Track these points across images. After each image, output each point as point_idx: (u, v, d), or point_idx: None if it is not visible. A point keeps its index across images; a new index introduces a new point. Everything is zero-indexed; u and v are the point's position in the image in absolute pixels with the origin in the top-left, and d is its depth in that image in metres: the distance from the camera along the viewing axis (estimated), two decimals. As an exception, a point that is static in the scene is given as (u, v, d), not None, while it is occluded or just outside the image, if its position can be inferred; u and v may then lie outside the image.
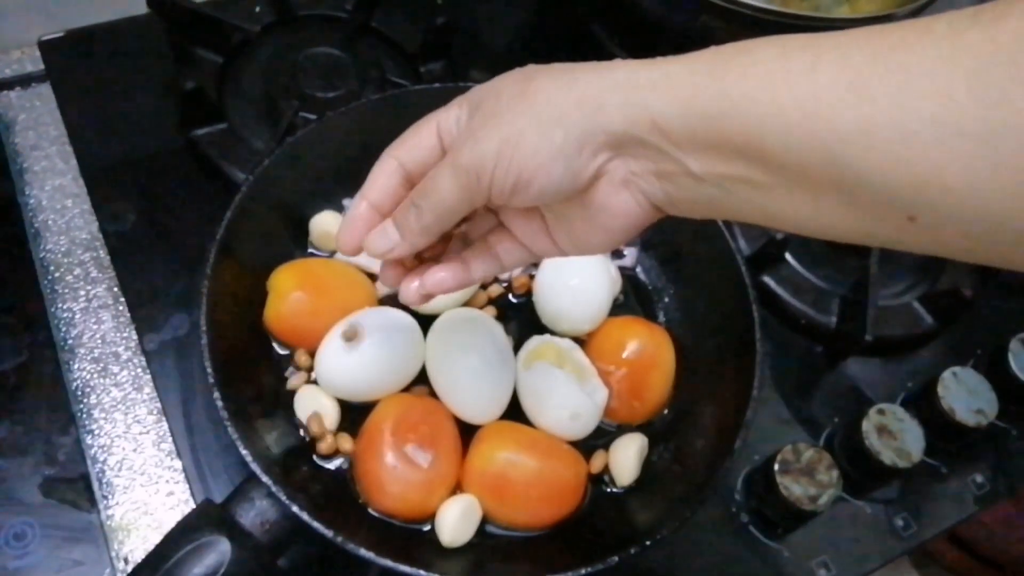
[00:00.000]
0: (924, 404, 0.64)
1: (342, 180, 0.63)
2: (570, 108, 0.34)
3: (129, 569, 0.54)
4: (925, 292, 0.71)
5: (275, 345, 0.59)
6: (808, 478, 0.56)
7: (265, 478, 0.47)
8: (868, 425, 0.60)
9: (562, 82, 0.35)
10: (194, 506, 0.56)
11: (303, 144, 0.60)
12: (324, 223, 0.62)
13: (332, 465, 0.55)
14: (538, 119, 0.34)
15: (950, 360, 0.67)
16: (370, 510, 0.53)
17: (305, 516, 0.46)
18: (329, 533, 0.46)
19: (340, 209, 0.64)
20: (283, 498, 0.46)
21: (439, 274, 0.43)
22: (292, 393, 0.57)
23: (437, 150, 0.40)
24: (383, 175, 0.41)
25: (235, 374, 0.52)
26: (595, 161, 0.35)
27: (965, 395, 0.62)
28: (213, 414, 0.50)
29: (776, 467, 0.57)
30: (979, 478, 0.65)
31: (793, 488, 0.56)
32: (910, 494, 0.63)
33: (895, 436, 0.59)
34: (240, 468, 0.52)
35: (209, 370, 0.50)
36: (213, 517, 0.47)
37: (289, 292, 0.57)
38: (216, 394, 0.49)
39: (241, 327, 0.56)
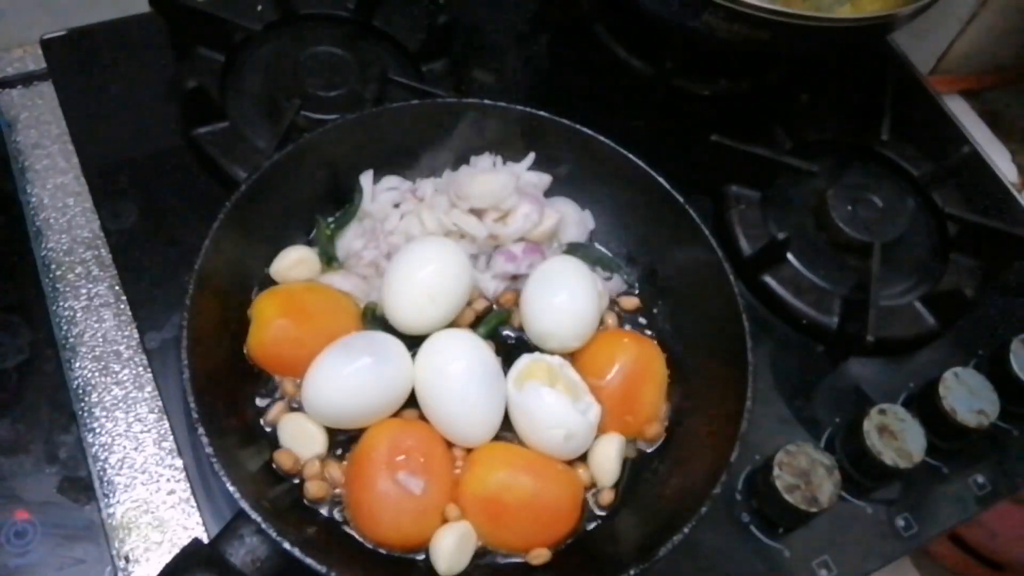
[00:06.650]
0: (925, 404, 0.63)
1: (319, 203, 0.63)
2: None
3: (130, 568, 0.54)
4: (927, 292, 0.71)
5: (260, 374, 0.57)
6: (808, 478, 0.56)
7: (254, 515, 0.45)
8: (869, 425, 0.60)
9: None
10: (195, 505, 0.56)
11: (280, 167, 0.59)
12: (290, 259, 0.60)
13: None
14: None
15: (952, 360, 0.67)
16: (363, 541, 0.52)
17: (297, 552, 0.45)
18: (323, 569, 0.45)
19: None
20: (273, 535, 0.45)
21: None
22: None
23: None
24: None
25: (220, 407, 0.51)
26: None
27: (966, 395, 0.62)
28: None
29: (776, 467, 0.57)
30: (980, 479, 0.65)
31: (794, 488, 0.56)
32: (911, 494, 0.63)
33: (896, 436, 0.59)
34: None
35: (193, 406, 0.49)
36: (202, 557, 0.46)
37: (272, 319, 0.56)
38: (200, 431, 0.48)
39: (224, 357, 0.55)
